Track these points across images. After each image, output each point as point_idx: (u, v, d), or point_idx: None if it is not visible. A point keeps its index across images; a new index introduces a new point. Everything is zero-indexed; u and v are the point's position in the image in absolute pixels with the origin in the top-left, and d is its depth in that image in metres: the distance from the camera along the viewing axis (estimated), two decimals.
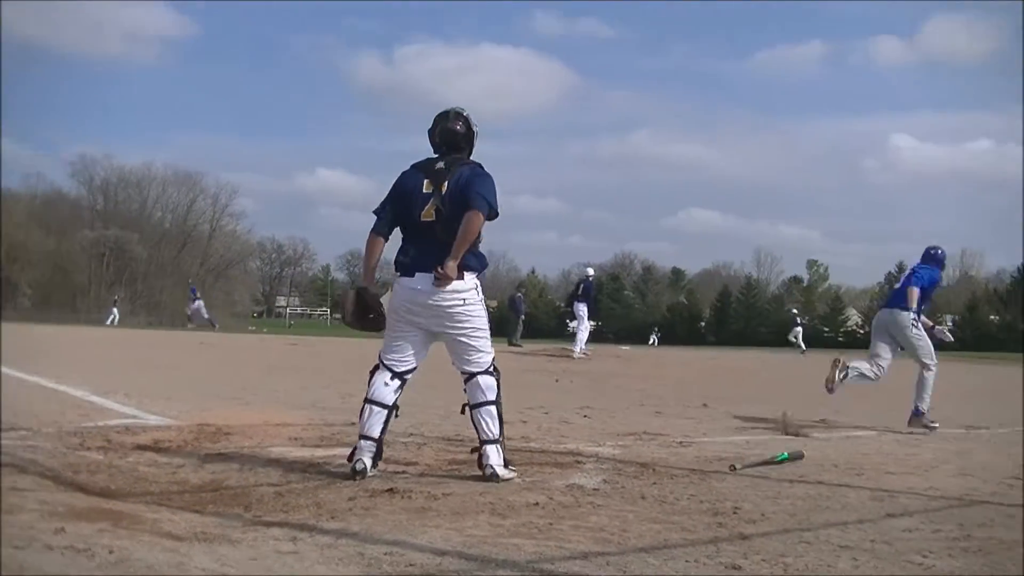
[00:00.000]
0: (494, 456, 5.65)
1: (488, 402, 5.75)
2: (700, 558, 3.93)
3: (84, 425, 7.27)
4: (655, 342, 65.57)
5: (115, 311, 47.96)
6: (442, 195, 5.67)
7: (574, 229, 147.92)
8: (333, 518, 4.47)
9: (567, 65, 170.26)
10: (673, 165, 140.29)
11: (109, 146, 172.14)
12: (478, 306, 5.77)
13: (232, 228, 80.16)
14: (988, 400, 11.57)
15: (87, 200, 73.08)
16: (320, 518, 4.46)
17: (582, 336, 23.23)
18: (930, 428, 9.38)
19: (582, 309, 23.23)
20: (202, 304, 44.54)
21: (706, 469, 6.34)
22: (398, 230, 5.90)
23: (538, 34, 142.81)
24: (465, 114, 5.98)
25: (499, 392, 5.83)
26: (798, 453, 6.92)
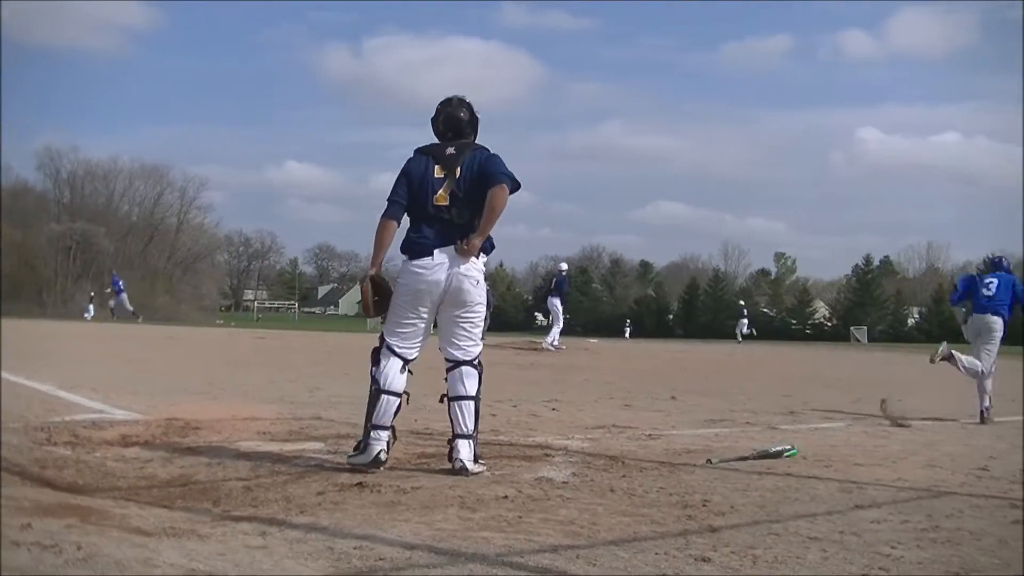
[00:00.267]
0: (465, 451, 5.62)
1: (468, 397, 5.73)
2: (670, 551, 3.93)
3: (51, 420, 7.20)
4: (628, 334, 65.91)
5: (91, 307, 47.29)
6: (456, 179, 5.66)
7: (543, 222, 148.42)
8: (302, 512, 4.45)
9: (535, 57, 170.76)
10: (641, 157, 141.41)
11: (76, 138, 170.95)
12: (484, 292, 5.78)
13: (200, 221, 79.92)
14: (955, 392, 11.64)
15: (53, 193, 72.60)
16: (289, 512, 4.44)
17: (555, 330, 23.23)
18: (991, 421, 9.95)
19: (556, 304, 23.26)
20: (125, 297, 43.03)
21: (675, 462, 6.36)
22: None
23: (506, 26, 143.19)
24: (468, 101, 5.98)
25: (479, 388, 5.81)
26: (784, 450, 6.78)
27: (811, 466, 6.36)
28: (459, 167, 5.69)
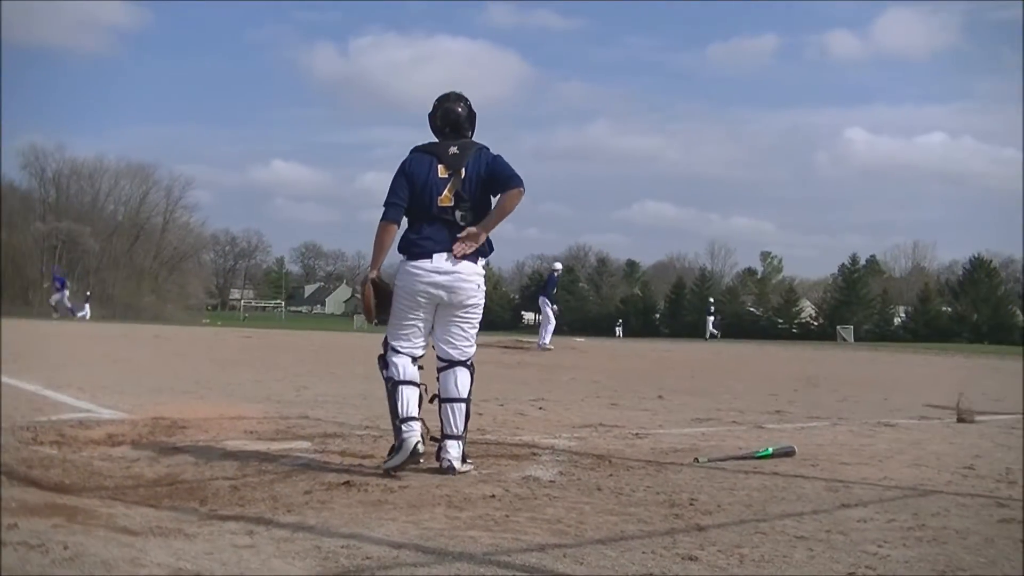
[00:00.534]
0: (454, 450, 5.60)
1: (460, 399, 5.70)
2: (657, 549, 3.94)
3: (37, 419, 7.18)
4: (620, 333, 66.03)
5: (87, 306, 46.89)
6: (461, 179, 5.61)
7: (529, 221, 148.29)
8: (289, 511, 4.45)
9: (522, 57, 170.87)
10: (627, 157, 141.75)
11: (61, 137, 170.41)
12: (482, 295, 5.76)
13: (186, 220, 79.90)
14: (941, 390, 11.69)
15: (39, 192, 72.44)
16: (276, 512, 4.44)
17: (547, 329, 23.20)
18: None
19: (546, 303, 23.25)
20: (67, 294, 41.95)
21: (662, 461, 6.37)
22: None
23: (493, 26, 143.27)
24: (466, 96, 5.94)
25: (471, 390, 5.80)
26: (785, 449, 6.76)
27: (797, 465, 6.37)
28: (464, 167, 5.64)
